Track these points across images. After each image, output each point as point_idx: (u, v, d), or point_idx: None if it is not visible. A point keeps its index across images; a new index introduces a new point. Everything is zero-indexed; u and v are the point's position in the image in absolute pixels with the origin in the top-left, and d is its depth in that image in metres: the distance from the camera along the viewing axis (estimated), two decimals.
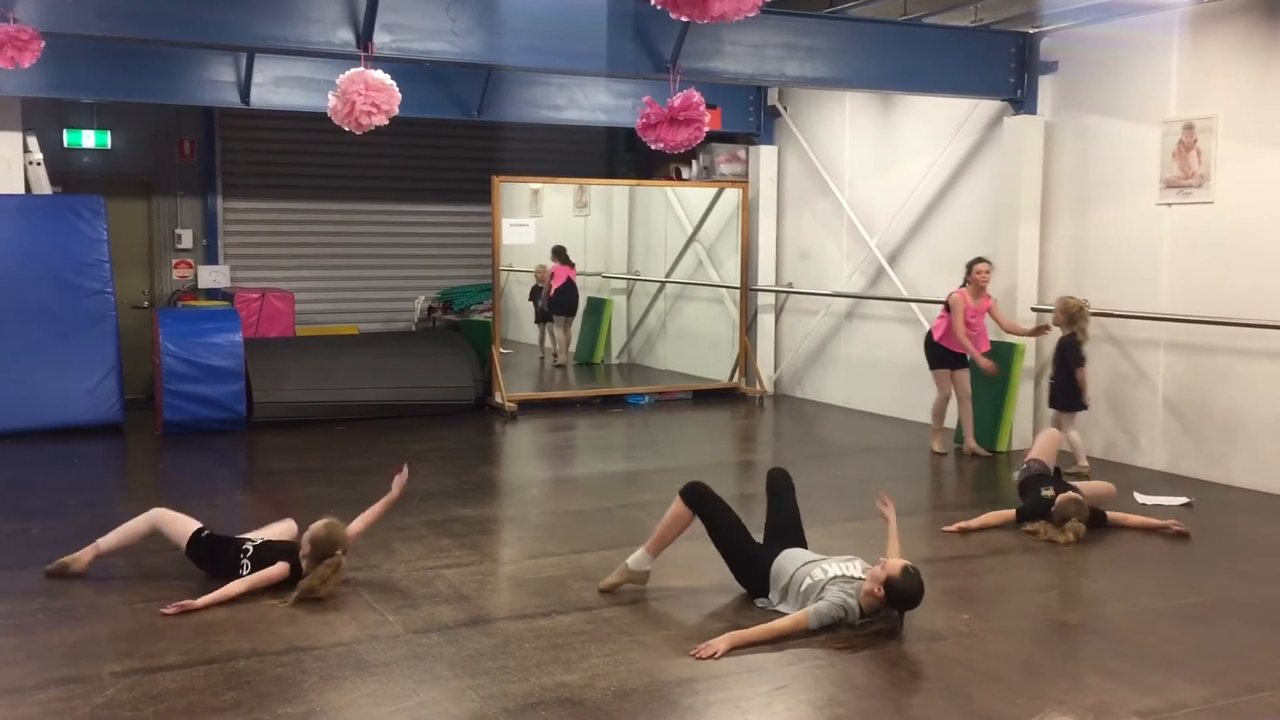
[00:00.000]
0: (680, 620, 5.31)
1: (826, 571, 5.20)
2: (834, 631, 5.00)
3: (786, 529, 5.63)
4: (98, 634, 5.09)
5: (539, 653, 4.87)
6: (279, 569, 5.56)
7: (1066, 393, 8.55)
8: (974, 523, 6.96)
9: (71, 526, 7.00)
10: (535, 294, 14.38)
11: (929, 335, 9.55)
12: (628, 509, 7.55)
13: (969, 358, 9.24)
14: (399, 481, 5.94)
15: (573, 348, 14.30)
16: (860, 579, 5.13)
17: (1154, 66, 8.71)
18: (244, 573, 5.58)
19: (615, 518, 7.39)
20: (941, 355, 9.41)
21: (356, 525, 5.90)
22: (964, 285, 9.22)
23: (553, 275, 13.86)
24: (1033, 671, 4.74)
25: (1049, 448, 7.49)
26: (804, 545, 5.58)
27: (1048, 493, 6.92)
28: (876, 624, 5.04)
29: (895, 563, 5.04)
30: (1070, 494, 6.86)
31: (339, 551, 5.58)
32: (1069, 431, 8.56)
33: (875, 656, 4.87)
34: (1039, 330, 9.22)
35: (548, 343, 14.46)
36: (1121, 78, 8.98)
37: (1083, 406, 8.59)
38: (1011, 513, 7.01)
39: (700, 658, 4.78)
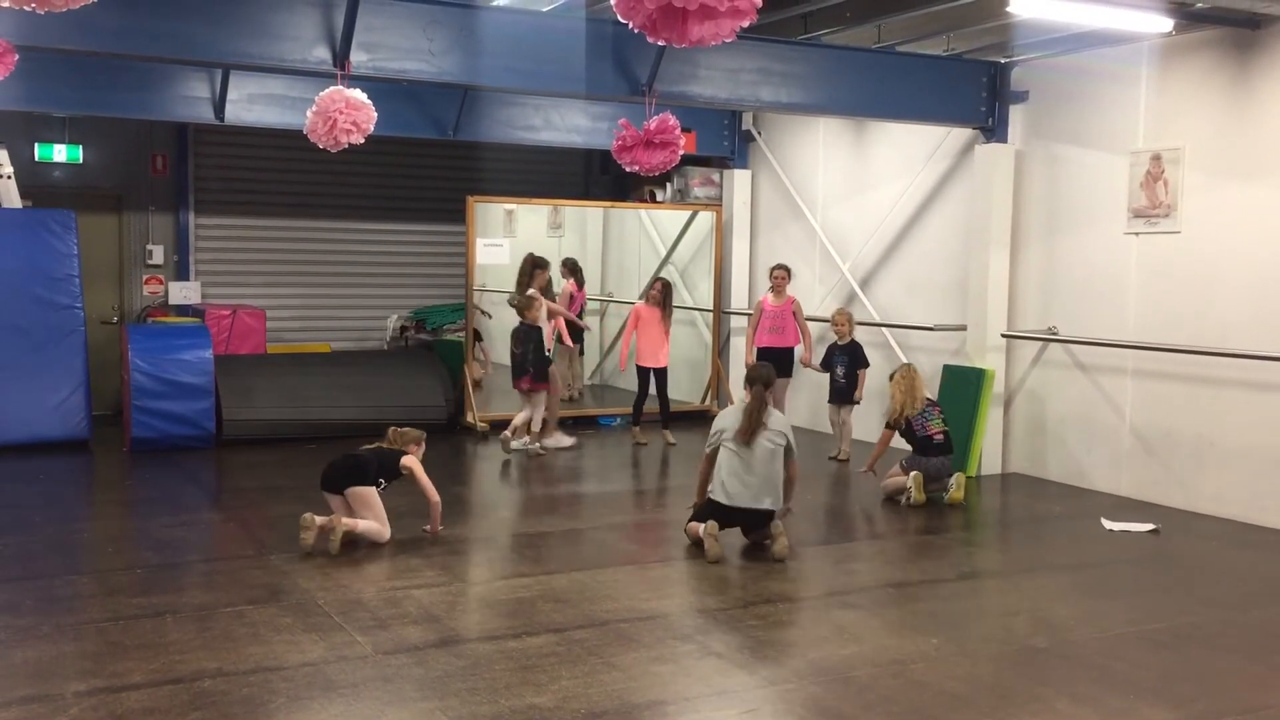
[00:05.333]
0: (650, 642, 5.30)
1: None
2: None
3: None
4: (62, 652, 5.04)
5: (509, 674, 4.85)
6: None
7: (850, 389, 10.16)
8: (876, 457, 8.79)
9: (38, 543, 6.94)
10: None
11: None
12: (599, 530, 7.54)
13: (794, 368, 10.49)
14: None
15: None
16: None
17: (1123, 98, 8.84)
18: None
19: (586, 539, 7.38)
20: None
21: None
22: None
23: (572, 299, 12.58)
24: (1001, 695, 4.77)
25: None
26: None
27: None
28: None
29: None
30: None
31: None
32: (846, 420, 10.22)
33: (845, 680, 4.89)
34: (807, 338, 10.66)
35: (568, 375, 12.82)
36: (1091, 108, 9.11)
37: (856, 401, 10.22)
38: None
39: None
